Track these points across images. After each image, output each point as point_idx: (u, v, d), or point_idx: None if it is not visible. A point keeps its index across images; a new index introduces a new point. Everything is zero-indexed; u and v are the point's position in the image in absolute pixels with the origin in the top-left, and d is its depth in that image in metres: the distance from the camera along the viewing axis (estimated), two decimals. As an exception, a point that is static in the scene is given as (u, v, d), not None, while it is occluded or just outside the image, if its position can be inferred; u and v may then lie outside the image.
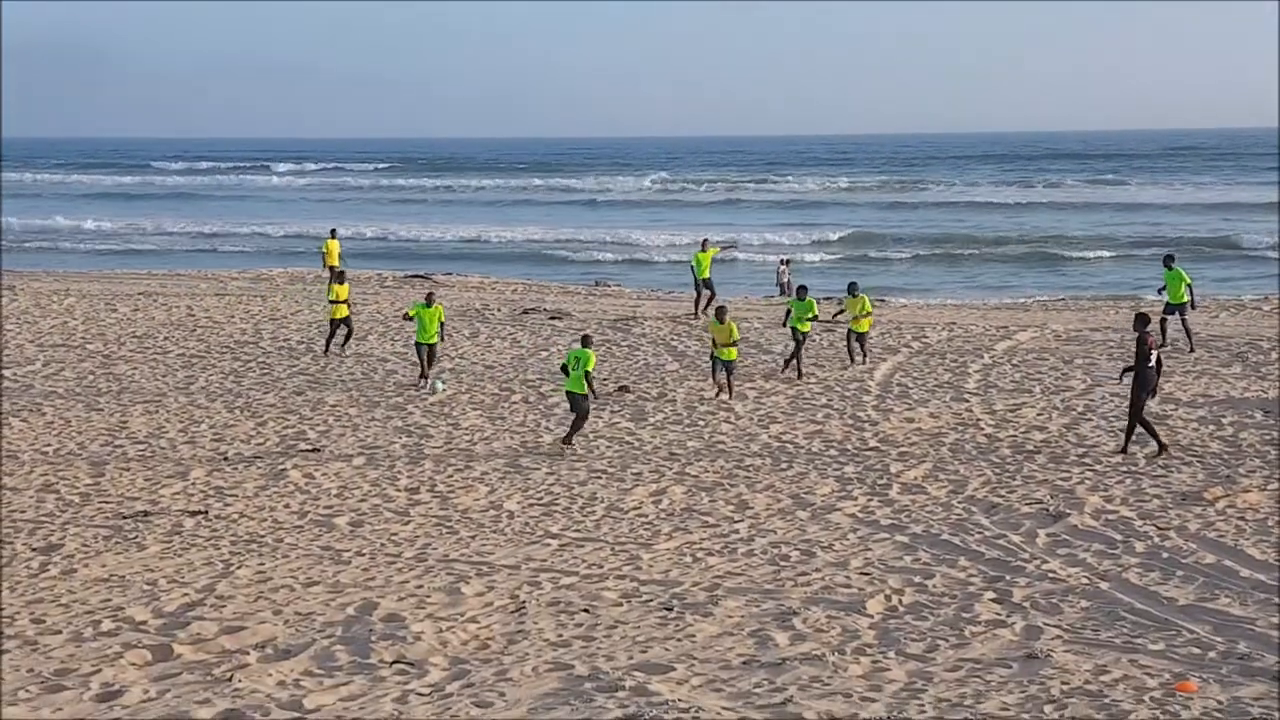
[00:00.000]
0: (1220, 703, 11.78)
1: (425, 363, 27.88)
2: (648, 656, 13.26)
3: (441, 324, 28.02)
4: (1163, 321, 30.83)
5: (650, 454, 22.16)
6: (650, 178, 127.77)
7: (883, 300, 43.84)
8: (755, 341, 33.16)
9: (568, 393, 22.62)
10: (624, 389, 27.41)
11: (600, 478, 20.73)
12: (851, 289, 29.98)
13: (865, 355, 29.59)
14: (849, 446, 22.28)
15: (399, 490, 20.24)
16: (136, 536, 17.99)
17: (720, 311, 26.60)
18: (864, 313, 29.36)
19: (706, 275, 37.24)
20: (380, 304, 41.32)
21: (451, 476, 20.97)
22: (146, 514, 19.08)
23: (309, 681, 12.79)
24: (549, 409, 25.85)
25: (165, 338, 34.99)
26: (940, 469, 20.79)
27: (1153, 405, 22.58)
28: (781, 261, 48.01)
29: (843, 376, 28.40)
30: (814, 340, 33.36)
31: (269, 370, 30.36)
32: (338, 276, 32.60)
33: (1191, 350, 30.03)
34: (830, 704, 11.91)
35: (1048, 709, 11.73)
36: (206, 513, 19.08)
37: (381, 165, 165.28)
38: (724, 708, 11.83)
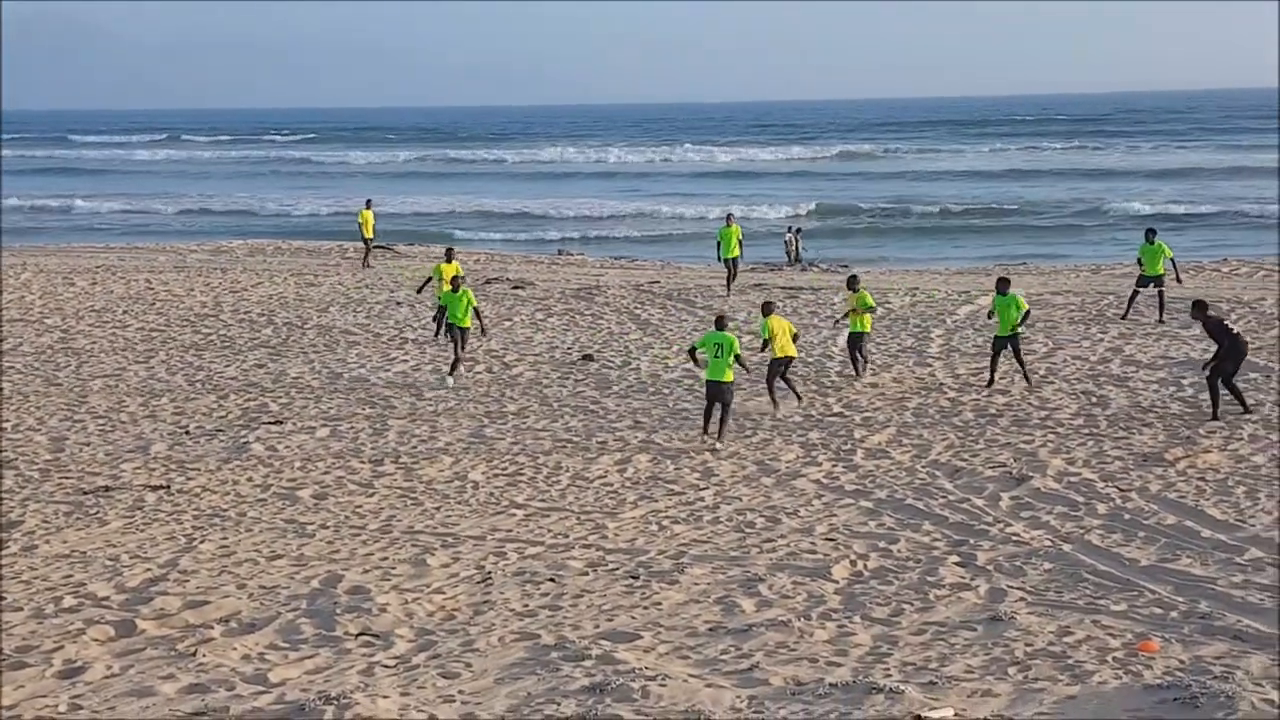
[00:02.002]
0: (1182, 662, 11.87)
1: (458, 346, 25.86)
2: (614, 625, 13.27)
3: (477, 310, 26.10)
4: (1134, 294, 30.36)
5: (615, 423, 22.14)
6: (606, 148, 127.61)
7: (845, 266, 43.92)
8: (719, 309, 33.14)
9: (709, 383, 19.97)
10: (588, 358, 27.37)
11: (565, 447, 20.70)
12: (851, 283, 25.54)
13: (865, 363, 25.13)
14: (813, 412, 22.31)
15: (363, 462, 20.17)
16: (98, 512, 17.86)
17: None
18: (865, 308, 24.82)
19: (735, 254, 35.75)
20: (341, 275, 41.12)
21: (416, 448, 20.91)
22: (108, 489, 18.94)
23: (274, 655, 12.74)
24: (513, 379, 25.79)
25: (124, 311, 34.73)
26: (904, 434, 20.85)
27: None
28: (789, 230, 47.51)
29: (807, 342, 28.41)
30: (783, 304, 33.35)
31: (230, 343, 30.18)
32: (447, 255, 30.99)
33: (1160, 322, 29.53)
34: (796, 669, 11.94)
35: (1012, 670, 11.80)
36: (168, 487, 18.96)
37: (310, 136, 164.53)
38: (690, 675, 11.84)
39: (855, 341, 24.97)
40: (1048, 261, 46.38)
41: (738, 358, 19.99)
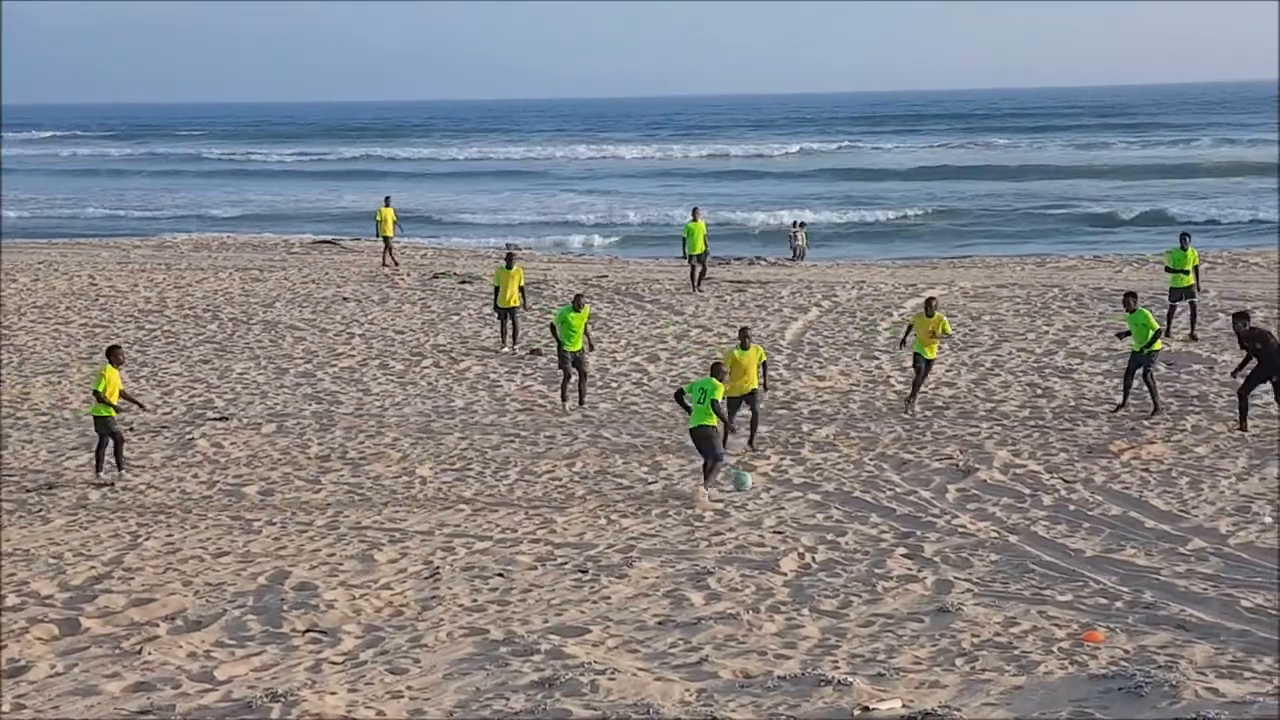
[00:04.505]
0: (1127, 651, 11.98)
1: (568, 376, 22.69)
2: (563, 619, 13.26)
3: (586, 331, 23.13)
4: (1171, 309, 26.81)
5: (562, 417, 22.10)
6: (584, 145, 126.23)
7: (791, 259, 44.02)
8: (666, 304, 33.17)
9: (693, 430, 17.96)
10: (535, 352, 27.31)
11: (513, 441, 20.66)
12: (929, 306, 22.16)
13: (914, 397, 21.87)
14: (760, 406, 22.32)
15: (310, 458, 20.05)
16: (41, 510, 17.68)
17: (744, 334, 19.91)
18: (942, 333, 21.87)
19: (701, 249, 34.34)
20: (288, 271, 40.84)
21: (363, 443, 20.80)
22: (51, 486, 18.75)
23: (220, 652, 12.64)
24: (460, 374, 25.71)
25: (67, 307, 34.36)
26: (851, 426, 20.93)
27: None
28: (795, 224, 47.02)
29: (756, 335, 28.41)
30: (731, 298, 33.39)
31: (175, 339, 29.93)
32: (508, 260, 28.27)
33: (1193, 338, 26.28)
34: (745, 662, 11.97)
35: (959, 662, 11.87)
36: (113, 484, 18.79)
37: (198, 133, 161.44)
38: (639, 668, 11.85)
39: (921, 369, 21.82)
40: (993, 255, 46.59)
41: (715, 404, 17.79)
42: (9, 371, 26.72)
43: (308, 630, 13.13)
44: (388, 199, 41.89)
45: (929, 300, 22.44)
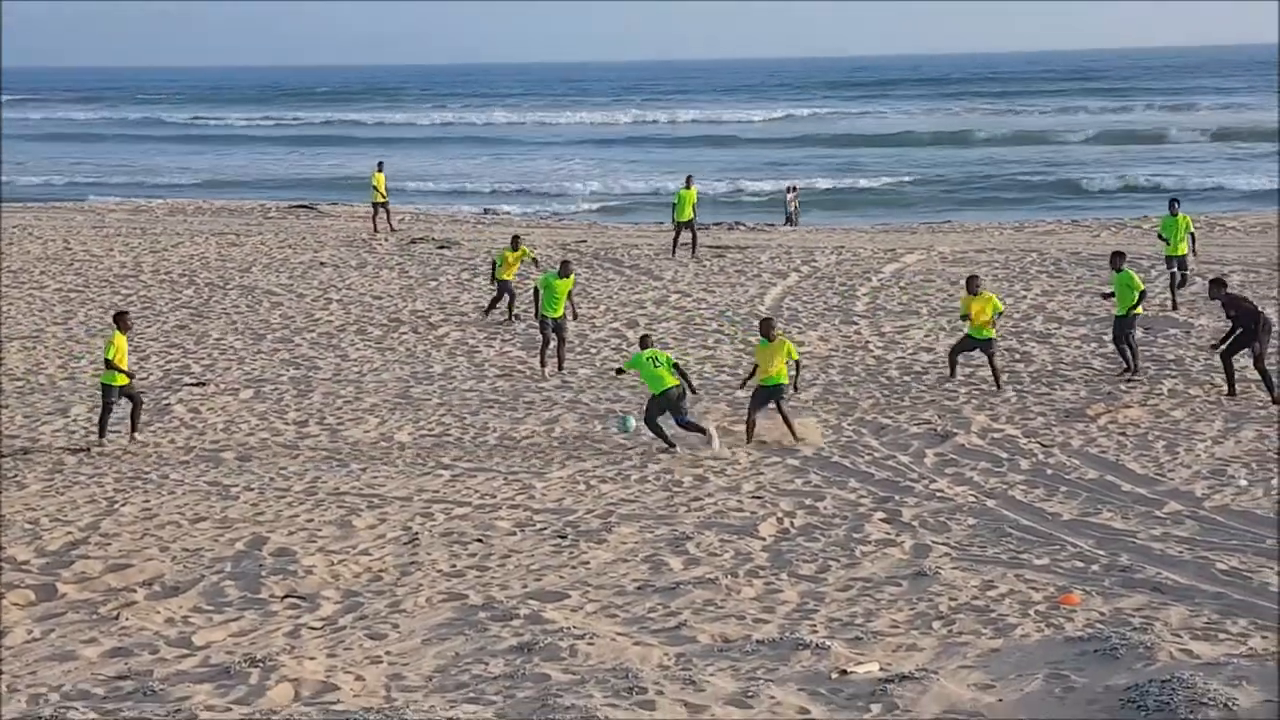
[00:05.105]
0: (1103, 614, 12.04)
1: (548, 342, 22.68)
2: (542, 584, 13.27)
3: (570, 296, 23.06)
4: (1173, 276, 26.62)
5: (541, 382, 22.08)
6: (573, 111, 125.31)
7: (771, 225, 44.00)
8: (645, 269, 33.11)
9: (661, 394, 17.97)
10: (515, 317, 27.24)
11: (492, 407, 20.63)
12: (971, 284, 21.09)
13: (997, 378, 20.72)
14: (739, 371, 22.35)
15: (287, 423, 20.00)
16: (16, 475, 17.61)
17: (767, 325, 18.89)
18: (995, 313, 20.78)
19: (689, 217, 33.99)
20: (264, 236, 40.67)
21: (341, 408, 20.76)
22: (26, 452, 18.68)
23: (198, 618, 12.62)
24: (439, 340, 25.65)
25: (41, 272, 34.16)
26: (830, 391, 20.96)
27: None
28: (789, 189, 46.65)
29: (731, 300, 28.45)
30: (710, 263, 33.34)
31: (151, 304, 29.79)
32: (512, 243, 27.40)
33: (1174, 307, 25.89)
34: (724, 626, 11.99)
35: (936, 625, 11.92)
36: (89, 449, 18.72)
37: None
38: (618, 633, 11.86)
39: (966, 347, 21.03)
40: (971, 220, 46.64)
41: (677, 367, 18.22)
42: (-16, 337, 26.56)
43: (286, 596, 13.12)
44: (380, 164, 41.18)
45: (971, 279, 21.21)
